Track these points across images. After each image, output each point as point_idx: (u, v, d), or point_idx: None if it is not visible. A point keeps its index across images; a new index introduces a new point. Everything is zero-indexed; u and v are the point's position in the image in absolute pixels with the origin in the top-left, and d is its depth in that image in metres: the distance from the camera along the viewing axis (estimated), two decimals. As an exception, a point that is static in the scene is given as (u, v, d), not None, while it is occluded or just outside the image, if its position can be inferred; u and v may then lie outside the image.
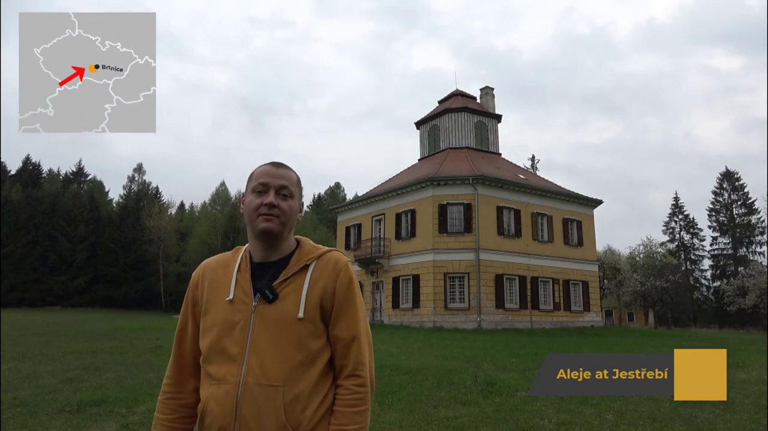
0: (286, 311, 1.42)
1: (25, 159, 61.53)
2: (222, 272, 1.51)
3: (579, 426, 5.46)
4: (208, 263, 1.58)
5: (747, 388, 7.80)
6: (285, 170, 1.52)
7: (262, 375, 1.37)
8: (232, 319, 1.42)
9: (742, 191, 57.38)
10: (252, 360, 1.38)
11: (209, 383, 1.42)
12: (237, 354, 1.39)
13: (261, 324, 1.41)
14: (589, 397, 6.95)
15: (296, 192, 1.52)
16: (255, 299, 1.43)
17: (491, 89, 34.71)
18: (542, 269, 27.22)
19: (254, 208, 1.46)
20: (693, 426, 5.51)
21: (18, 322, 22.81)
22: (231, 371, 1.38)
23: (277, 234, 1.46)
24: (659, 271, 41.96)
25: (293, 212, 1.50)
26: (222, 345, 1.41)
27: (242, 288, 1.46)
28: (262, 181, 1.48)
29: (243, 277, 1.48)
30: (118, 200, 61.32)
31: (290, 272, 1.47)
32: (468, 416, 5.89)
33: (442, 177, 26.16)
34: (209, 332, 1.45)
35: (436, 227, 25.67)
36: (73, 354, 11.02)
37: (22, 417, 5.54)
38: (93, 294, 51.85)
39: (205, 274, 1.54)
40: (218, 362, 1.41)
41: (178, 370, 1.55)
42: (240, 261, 1.51)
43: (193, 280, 1.56)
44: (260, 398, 1.36)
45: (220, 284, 1.49)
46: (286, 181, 1.49)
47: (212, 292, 1.49)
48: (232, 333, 1.41)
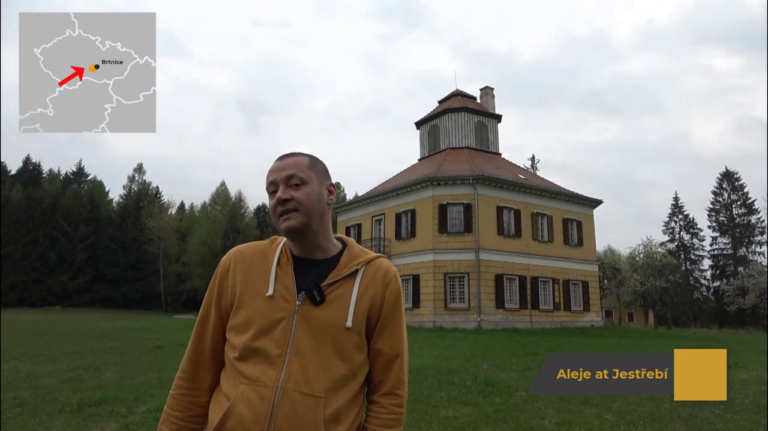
0: (333, 317, 1.31)
1: (26, 159, 61.55)
2: (259, 262, 1.38)
3: (579, 426, 5.46)
4: (242, 250, 1.43)
5: (747, 388, 7.80)
6: (291, 158, 1.39)
7: (305, 383, 1.25)
8: (272, 317, 1.30)
9: (742, 191, 57.39)
10: (294, 365, 1.26)
11: (239, 381, 1.29)
12: (277, 356, 1.27)
13: (304, 326, 1.29)
14: (589, 397, 6.95)
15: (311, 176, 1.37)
16: (299, 299, 1.32)
17: (491, 89, 34.71)
18: (542, 269, 27.22)
19: (273, 210, 1.35)
20: (693, 426, 5.51)
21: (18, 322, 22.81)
22: (268, 373, 1.26)
23: (304, 229, 1.34)
24: (659, 271, 41.96)
25: (313, 198, 1.35)
26: (260, 344, 1.29)
27: (284, 284, 1.33)
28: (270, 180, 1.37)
29: (284, 272, 1.35)
30: (118, 200, 61.32)
31: (339, 275, 1.35)
32: (468, 416, 5.89)
33: (442, 177, 26.16)
34: (245, 328, 1.31)
35: (436, 227, 25.67)
36: (73, 354, 11.02)
37: (22, 417, 5.54)
38: (93, 294, 51.84)
39: (238, 262, 1.39)
40: (252, 361, 1.29)
41: (195, 363, 1.41)
42: (279, 253, 1.38)
43: (223, 267, 1.41)
44: (301, 407, 1.23)
45: (256, 276, 1.36)
46: (292, 169, 1.36)
47: (247, 283, 1.35)
48: (272, 332, 1.29)
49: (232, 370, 1.32)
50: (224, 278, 1.40)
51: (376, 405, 1.37)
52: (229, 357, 1.35)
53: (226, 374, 1.35)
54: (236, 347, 1.32)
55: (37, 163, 62.12)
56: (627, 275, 42.40)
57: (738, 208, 57.21)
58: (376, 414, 1.36)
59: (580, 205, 30.26)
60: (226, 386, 1.33)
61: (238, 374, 1.29)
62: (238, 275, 1.37)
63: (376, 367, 1.39)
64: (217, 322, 1.40)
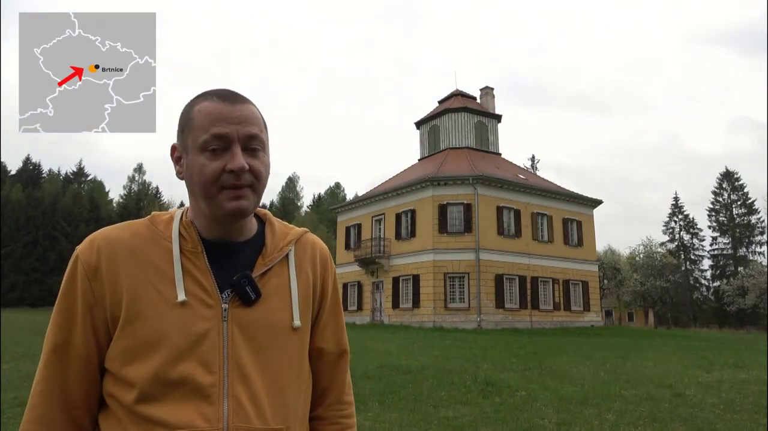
0: (275, 318, 0.97)
1: (26, 159, 61.69)
2: (149, 251, 0.95)
3: (579, 426, 5.46)
4: (113, 235, 0.96)
5: (747, 388, 7.80)
6: (247, 105, 0.98)
7: (257, 415, 0.91)
8: (192, 330, 0.90)
9: (742, 191, 57.45)
10: (239, 393, 0.90)
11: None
12: (210, 385, 0.89)
13: (240, 336, 0.93)
14: (589, 397, 6.96)
15: (266, 139, 1.00)
16: (224, 299, 0.94)
17: (491, 89, 34.73)
18: (542, 269, 27.23)
19: (212, 177, 0.91)
20: (693, 426, 5.51)
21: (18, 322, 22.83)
22: (204, 412, 0.88)
23: (252, 212, 0.98)
24: (659, 271, 42.01)
25: (268, 172, 0.99)
26: (180, 371, 0.88)
27: (196, 281, 0.93)
28: (217, 131, 0.92)
29: (193, 264, 0.95)
30: (119, 200, 61.42)
31: (272, 262, 1.00)
32: (468, 416, 5.89)
33: (442, 177, 26.17)
34: (147, 353, 0.89)
35: (436, 227, 25.68)
36: (73, 354, 11.01)
37: (22, 416, 5.54)
38: (93, 294, 51.93)
39: (114, 254, 0.94)
40: (173, 399, 0.88)
41: (55, 421, 0.92)
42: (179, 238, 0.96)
43: (87, 263, 0.93)
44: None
45: (151, 273, 0.93)
46: (253, 125, 0.95)
47: (138, 284, 0.92)
48: (194, 351, 0.90)
49: (131, 421, 0.89)
50: (93, 280, 0.93)
51: (322, 423, 1.08)
52: (122, 401, 0.90)
53: (115, 427, 0.91)
54: (135, 383, 0.89)
55: (37, 163, 62.34)
56: (627, 275, 42.45)
57: (738, 208, 57.28)
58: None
59: (580, 205, 30.28)
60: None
61: (148, 424, 0.87)
62: (119, 272, 0.93)
63: (320, 372, 1.08)
64: (89, 349, 0.93)
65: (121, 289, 0.92)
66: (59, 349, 0.93)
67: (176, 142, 0.99)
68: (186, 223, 0.98)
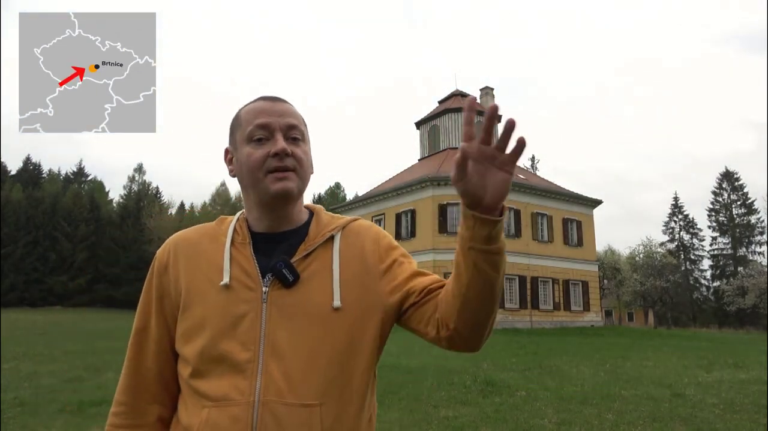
0: (314, 299, 1.01)
1: (26, 159, 61.63)
2: (208, 247, 1.07)
3: (579, 426, 5.46)
4: (183, 236, 1.12)
5: (747, 388, 7.80)
6: (284, 104, 1.09)
7: (290, 391, 0.96)
8: (232, 311, 0.99)
9: (742, 191, 57.42)
10: (272, 369, 0.96)
11: (198, 406, 0.98)
12: (246, 362, 0.97)
13: (278, 317, 0.99)
14: (589, 397, 6.96)
15: (306, 134, 1.11)
16: (265, 283, 1.01)
17: (491, 89, 34.70)
18: (542, 269, 27.22)
19: (258, 163, 1.02)
20: (693, 426, 5.51)
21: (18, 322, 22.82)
22: (239, 386, 0.96)
23: (297, 196, 1.06)
24: (659, 271, 41.96)
25: (309, 161, 1.09)
26: (221, 349, 0.98)
27: (241, 267, 1.03)
28: (260, 121, 1.04)
29: (240, 253, 1.05)
30: (119, 200, 61.35)
31: (312, 246, 1.06)
32: (468, 416, 5.89)
33: (442, 177, 26.17)
34: (197, 333, 1.00)
35: (436, 227, 25.68)
36: (74, 354, 11.03)
37: (22, 416, 5.54)
38: (93, 294, 51.84)
39: (180, 251, 1.08)
40: (216, 374, 0.98)
41: (135, 392, 1.07)
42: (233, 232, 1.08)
43: (160, 260, 1.09)
44: (288, 423, 0.94)
45: (205, 264, 1.05)
46: (293, 118, 1.07)
47: (194, 275, 1.04)
48: (234, 331, 0.98)
49: (189, 393, 1.02)
50: (163, 275, 1.08)
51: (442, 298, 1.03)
52: (183, 376, 1.03)
53: (183, 401, 1.04)
54: (189, 360, 1.01)
55: (37, 163, 62.24)
56: (627, 275, 42.39)
57: (738, 208, 57.24)
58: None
59: (580, 205, 30.27)
60: (184, 416, 1.01)
61: (197, 396, 0.99)
62: (181, 266, 1.06)
63: (414, 294, 1.07)
64: (161, 333, 1.07)
65: (180, 279, 1.05)
66: (139, 333, 1.10)
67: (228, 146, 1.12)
68: (241, 219, 1.11)
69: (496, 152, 0.87)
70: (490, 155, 0.88)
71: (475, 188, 0.89)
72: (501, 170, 0.88)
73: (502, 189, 0.89)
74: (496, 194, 0.89)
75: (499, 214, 0.92)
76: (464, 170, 0.88)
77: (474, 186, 0.89)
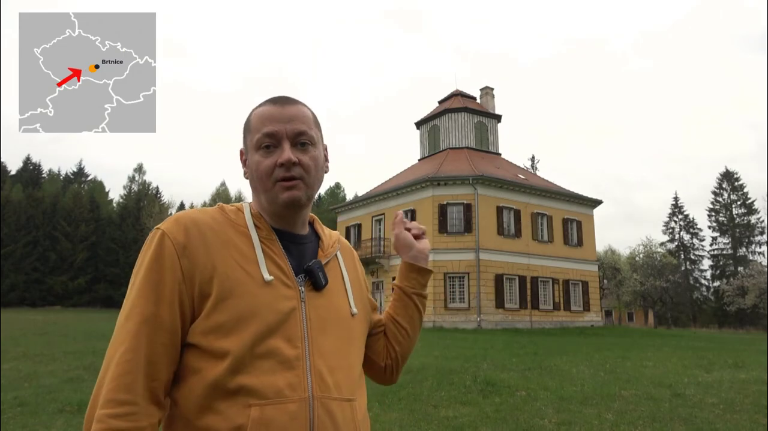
0: (338, 304, 1.08)
1: (26, 159, 61.61)
2: (234, 235, 1.03)
3: (579, 426, 5.46)
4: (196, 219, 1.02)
5: (747, 388, 7.80)
6: (294, 106, 1.08)
7: (335, 387, 0.99)
8: (279, 308, 0.98)
9: (742, 191, 57.44)
10: (319, 366, 0.98)
11: (240, 403, 0.91)
12: (295, 358, 0.96)
13: (315, 317, 1.02)
14: (589, 397, 6.96)
15: (317, 135, 1.10)
16: (299, 283, 1.04)
17: (491, 89, 34.73)
18: (542, 269, 27.23)
19: (266, 172, 1.03)
20: (693, 426, 5.51)
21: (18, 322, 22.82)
22: (291, 382, 0.94)
23: (306, 204, 1.08)
24: (659, 271, 41.97)
25: (319, 165, 1.09)
26: (269, 345, 0.95)
27: (276, 265, 1.03)
28: (268, 130, 1.04)
29: (271, 249, 1.04)
30: (119, 200, 61.33)
31: (332, 253, 1.13)
32: (468, 416, 5.89)
33: (442, 177, 26.17)
34: (239, 327, 0.95)
35: (436, 227, 25.67)
36: (74, 354, 11.02)
37: (22, 416, 5.54)
38: (93, 294, 51.86)
39: (201, 235, 0.99)
40: (263, 370, 0.94)
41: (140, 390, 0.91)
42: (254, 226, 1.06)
43: (176, 240, 0.97)
44: (340, 417, 0.98)
45: (237, 254, 1.00)
46: (302, 123, 1.06)
47: (228, 263, 0.98)
48: (281, 327, 0.97)
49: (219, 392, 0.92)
50: (182, 257, 0.96)
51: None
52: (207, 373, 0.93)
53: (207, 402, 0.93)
54: (226, 355, 0.93)
55: (37, 163, 62.21)
56: (627, 275, 42.39)
57: (738, 208, 57.26)
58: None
59: (580, 205, 30.28)
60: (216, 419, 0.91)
61: (238, 394, 0.92)
62: (211, 252, 0.98)
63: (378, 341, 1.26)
64: (174, 324, 0.95)
65: (210, 268, 0.97)
66: (148, 321, 0.94)
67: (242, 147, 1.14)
68: (256, 214, 1.08)
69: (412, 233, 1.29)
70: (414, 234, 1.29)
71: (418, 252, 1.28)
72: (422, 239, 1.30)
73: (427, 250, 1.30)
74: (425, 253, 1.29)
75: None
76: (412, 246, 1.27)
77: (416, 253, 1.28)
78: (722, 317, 49.60)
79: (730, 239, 56.72)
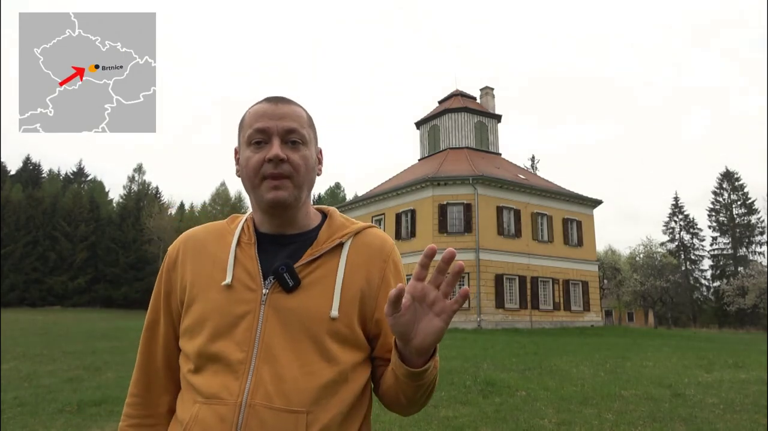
0: (312, 306, 1.01)
1: (26, 159, 61.63)
2: (215, 245, 1.08)
3: (579, 426, 5.46)
4: (193, 233, 1.14)
5: (747, 388, 7.80)
6: (288, 105, 1.07)
7: (278, 395, 0.95)
8: (232, 311, 1.00)
9: (742, 191, 57.42)
10: (263, 372, 0.96)
11: (193, 399, 0.99)
12: (239, 362, 0.97)
13: (275, 321, 0.99)
14: (589, 397, 6.96)
15: (310, 136, 1.08)
16: (266, 285, 1.01)
17: (491, 89, 34.72)
18: (542, 269, 27.22)
19: (255, 167, 1.02)
20: (693, 426, 5.51)
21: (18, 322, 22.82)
22: (229, 386, 0.96)
23: (293, 203, 1.05)
24: (659, 271, 41.96)
25: (310, 165, 1.07)
26: (217, 348, 0.98)
27: (245, 268, 1.03)
28: (259, 125, 1.04)
29: (245, 253, 1.05)
30: (119, 200, 61.34)
31: (318, 252, 1.05)
32: (468, 416, 5.89)
33: (442, 177, 26.17)
34: (197, 330, 1.01)
35: (436, 227, 25.67)
36: (74, 354, 11.02)
37: (22, 416, 5.54)
38: (93, 294, 51.87)
39: (189, 249, 1.10)
40: (210, 372, 0.99)
41: (147, 384, 1.12)
42: (240, 232, 1.09)
43: (170, 256, 1.12)
44: (272, 428, 0.93)
45: (210, 262, 1.06)
46: (293, 121, 1.05)
47: (199, 272, 1.06)
48: (232, 331, 0.99)
49: (186, 388, 1.03)
50: (171, 271, 1.10)
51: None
52: (183, 370, 1.05)
53: (181, 395, 1.05)
54: (190, 356, 1.02)
55: (37, 163, 62.27)
56: (627, 275, 42.38)
57: (738, 208, 57.25)
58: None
59: (580, 205, 30.27)
60: (180, 410, 1.03)
61: (193, 391, 1.00)
62: (188, 264, 1.08)
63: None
64: (168, 328, 1.11)
65: (186, 276, 1.08)
66: (150, 327, 1.14)
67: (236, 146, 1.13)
68: (249, 219, 1.12)
69: (438, 296, 0.88)
70: (432, 299, 0.88)
71: (405, 327, 0.89)
72: (437, 317, 0.88)
73: (435, 337, 0.89)
74: (427, 339, 0.89)
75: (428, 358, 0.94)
76: (397, 305, 0.86)
77: (403, 325, 0.88)
78: (722, 317, 49.58)
79: (730, 239, 56.71)
